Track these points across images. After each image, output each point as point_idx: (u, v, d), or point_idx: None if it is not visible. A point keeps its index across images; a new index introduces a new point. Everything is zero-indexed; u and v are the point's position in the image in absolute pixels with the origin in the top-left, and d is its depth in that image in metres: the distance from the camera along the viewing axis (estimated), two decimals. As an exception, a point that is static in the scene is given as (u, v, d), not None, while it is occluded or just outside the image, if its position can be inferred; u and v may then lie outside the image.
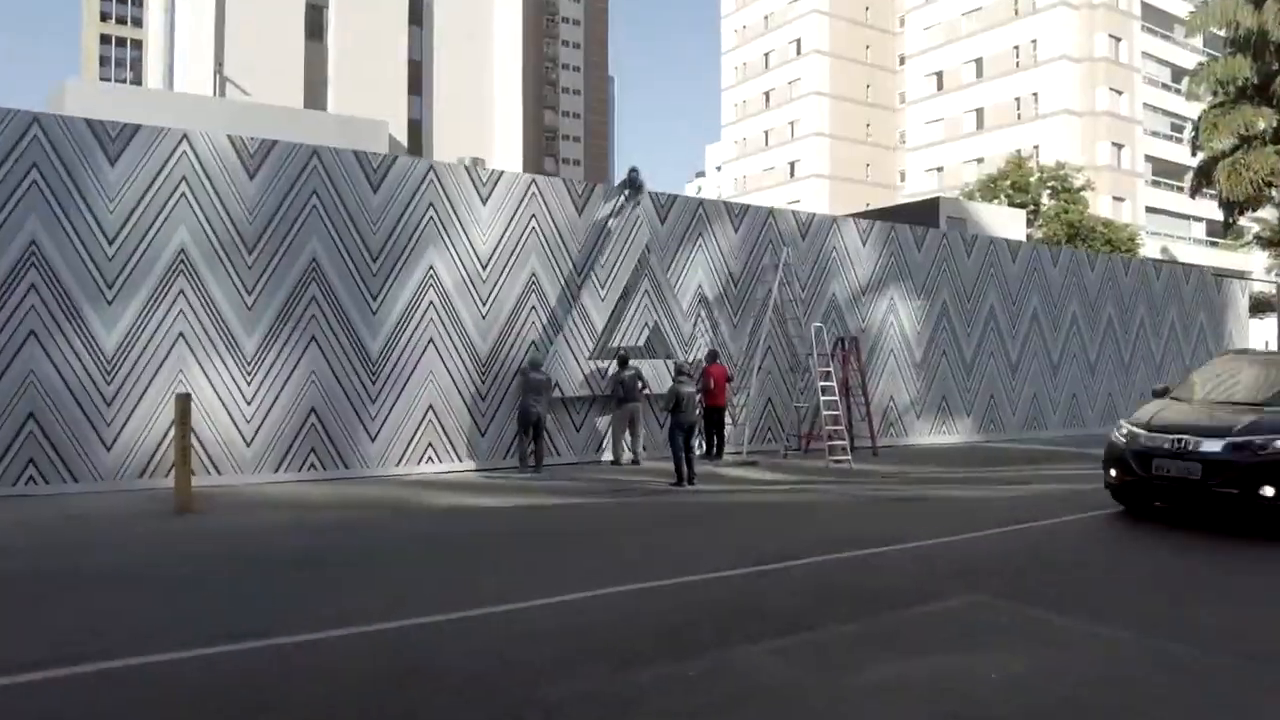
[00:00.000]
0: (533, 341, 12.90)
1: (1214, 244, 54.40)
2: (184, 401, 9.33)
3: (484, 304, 12.54)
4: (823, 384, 14.13)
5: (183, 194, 10.78)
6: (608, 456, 13.44)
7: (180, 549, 7.34)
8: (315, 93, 33.18)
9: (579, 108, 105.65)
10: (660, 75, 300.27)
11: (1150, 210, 52.61)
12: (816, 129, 65.17)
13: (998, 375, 18.75)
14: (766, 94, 69.96)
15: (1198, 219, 56.06)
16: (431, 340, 12.12)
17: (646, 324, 13.77)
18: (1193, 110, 55.80)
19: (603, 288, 13.42)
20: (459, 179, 12.44)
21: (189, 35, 30.60)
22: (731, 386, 14.39)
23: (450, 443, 12.24)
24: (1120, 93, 51.04)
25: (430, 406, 12.09)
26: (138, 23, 64.39)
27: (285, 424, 11.22)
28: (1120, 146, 50.81)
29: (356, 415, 11.63)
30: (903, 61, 66.26)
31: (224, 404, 10.93)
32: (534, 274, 12.94)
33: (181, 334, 10.75)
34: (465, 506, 9.74)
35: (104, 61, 69.31)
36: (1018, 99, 52.13)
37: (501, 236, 12.70)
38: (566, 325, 13.12)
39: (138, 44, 63.54)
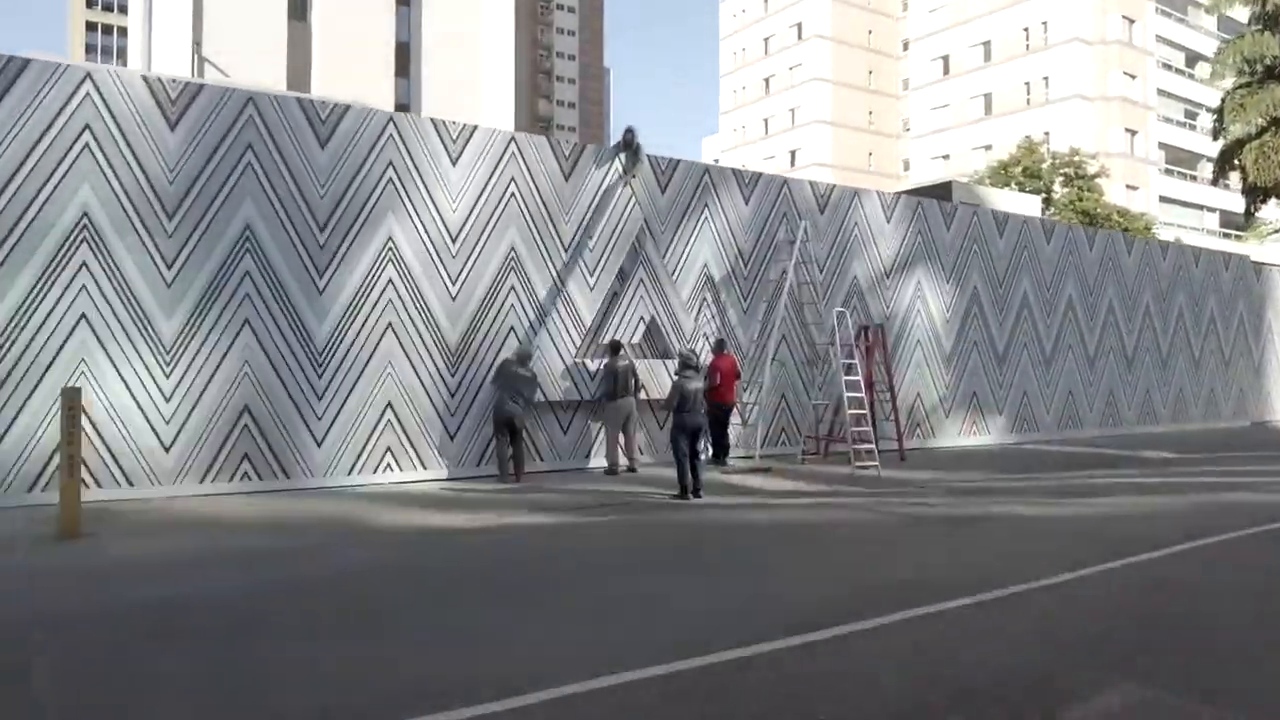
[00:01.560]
0: (513, 332, 11.06)
1: (1227, 235, 52.66)
2: (72, 398, 7.46)
3: (453, 283, 10.68)
4: (846, 378, 12.30)
5: (85, 145, 8.90)
6: (601, 461, 11.60)
7: (6, 600, 5.50)
8: (299, 75, 31.51)
9: (574, 97, 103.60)
10: (657, 64, 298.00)
11: (1163, 200, 50.84)
12: (818, 116, 63.27)
13: (1031, 370, 16.96)
14: (766, 80, 68.03)
15: (1211, 209, 54.37)
16: (390, 326, 10.26)
17: (642, 318, 11.92)
18: (1207, 95, 54.07)
19: (592, 274, 11.57)
20: (424, 134, 10.57)
21: (167, 14, 29.05)
22: (741, 381, 12.57)
23: (413, 448, 10.39)
24: (1134, 77, 49.24)
25: (389, 405, 10.23)
26: (124, 9, 62.37)
27: (212, 426, 9.36)
28: (1134, 133, 49.04)
29: (300, 415, 9.77)
30: (906, 47, 64.40)
31: (137, 402, 9.06)
32: (513, 249, 11.08)
33: (84, 316, 8.88)
34: (423, 529, 7.90)
35: (90, 50, 67.34)
36: (1027, 83, 50.31)
37: (475, 204, 10.83)
38: (552, 314, 11.27)
39: (124, 31, 61.52)
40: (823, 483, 11.09)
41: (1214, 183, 37.44)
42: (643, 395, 11.62)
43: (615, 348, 11.28)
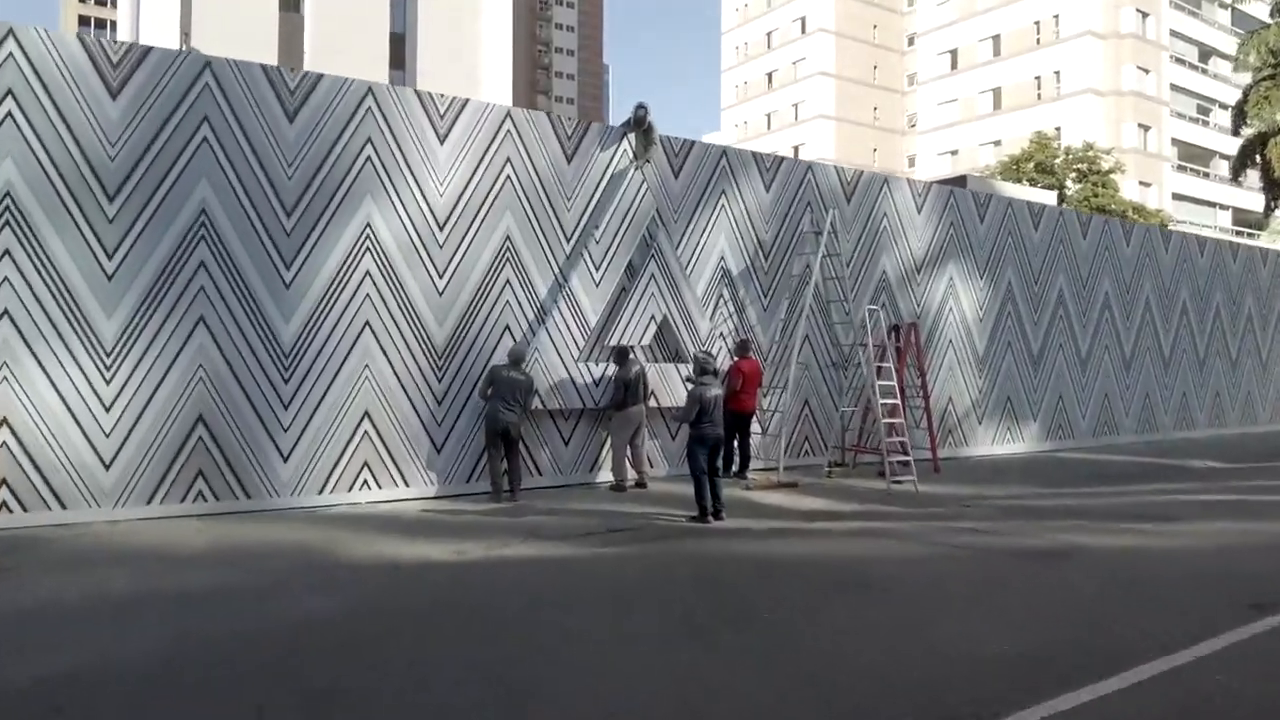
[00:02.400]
0: (508, 332, 9.82)
1: (1240, 233, 51.47)
2: (-20, 410, 6.22)
3: (441, 277, 9.43)
4: (881, 383, 11.06)
5: (9, 114, 7.65)
6: (607, 477, 10.36)
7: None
8: (291, 67, 30.56)
9: (572, 93, 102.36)
10: (657, 60, 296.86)
11: (1176, 197, 49.65)
12: (821, 111, 62.02)
13: (1067, 372, 15.75)
14: (769, 75, 66.77)
15: (1224, 207, 53.20)
16: (368, 324, 9.02)
17: (653, 317, 10.67)
18: (1221, 91, 52.92)
19: (598, 269, 10.32)
20: (407, 108, 9.31)
21: (156, 4, 28.09)
22: (761, 387, 11.33)
23: (394, 463, 9.14)
24: (1147, 71, 48.05)
25: (366, 414, 8.98)
26: (115, 2, 61.10)
27: (161, 439, 8.11)
28: (1147, 128, 47.85)
29: (263, 426, 8.52)
30: (911, 42, 63.20)
31: (71, 412, 7.81)
32: (509, 239, 9.83)
33: (6, 312, 7.63)
34: (395, 563, 6.65)
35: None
36: (1038, 78, 49.10)
37: (466, 187, 9.58)
38: (553, 313, 10.03)
39: (116, 25, 60.37)
40: (856, 501, 9.87)
41: (1234, 178, 36.28)
42: (653, 403, 10.39)
43: (622, 355, 10.05)
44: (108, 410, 7.93)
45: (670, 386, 10.61)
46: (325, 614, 5.37)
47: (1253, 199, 53.40)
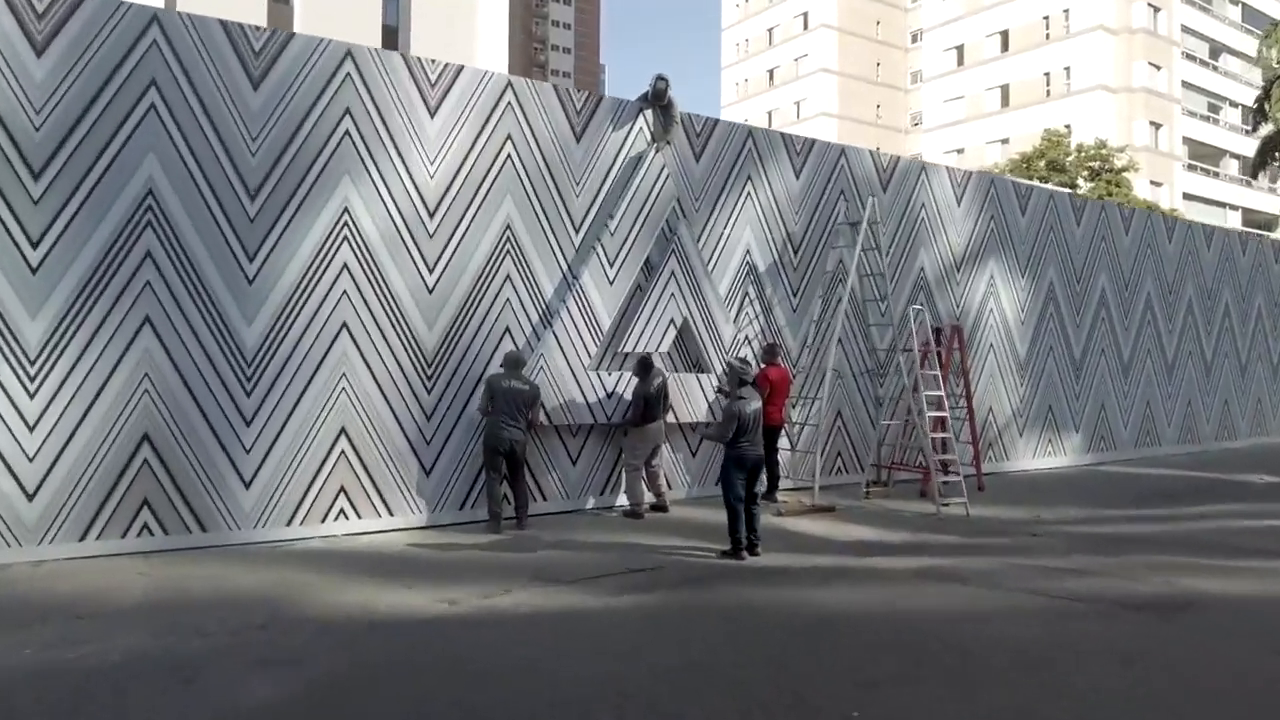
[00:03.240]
0: (509, 335, 8.56)
1: (1249, 234, 50.33)
2: None
3: (431, 271, 8.16)
4: (929, 393, 9.83)
5: (-90, 74, 6.37)
6: (622, 502, 9.11)
7: None
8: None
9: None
10: (656, 56, 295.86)
11: (1186, 196, 48.55)
12: (824, 109, 60.82)
13: (1109, 378, 14.54)
14: (770, 72, 65.55)
15: (1234, 207, 52.13)
16: (346, 326, 7.74)
17: (673, 320, 9.40)
18: (1231, 88, 51.89)
19: (611, 264, 9.06)
20: (393, 75, 8.03)
21: (141, -1, 26.76)
22: (790, 397, 10.09)
23: (375, 488, 7.86)
24: (1159, 68, 46.94)
25: (342, 431, 7.70)
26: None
27: (97, 463, 6.83)
28: (1158, 126, 46.75)
29: (221, 446, 7.24)
30: (915, 38, 62.09)
31: (-14, 429, 6.54)
32: (509, 229, 8.57)
33: (-93, 311, 6.35)
34: (370, 618, 5.39)
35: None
36: (1047, 74, 47.97)
37: (460, 168, 8.31)
38: (560, 314, 8.76)
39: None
40: (905, 528, 8.64)
41: (1253, 176, 35.14)
42: (670, 417, 9.15)
43: (646, 368, 8.79)
44: (31, 430, 6.65)
45: (690, 399, 9.36)
46: (267, 703, 4.10)
47: (1263, 200, 52.39)
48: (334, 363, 7.63)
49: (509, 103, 8.54)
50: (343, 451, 7.67)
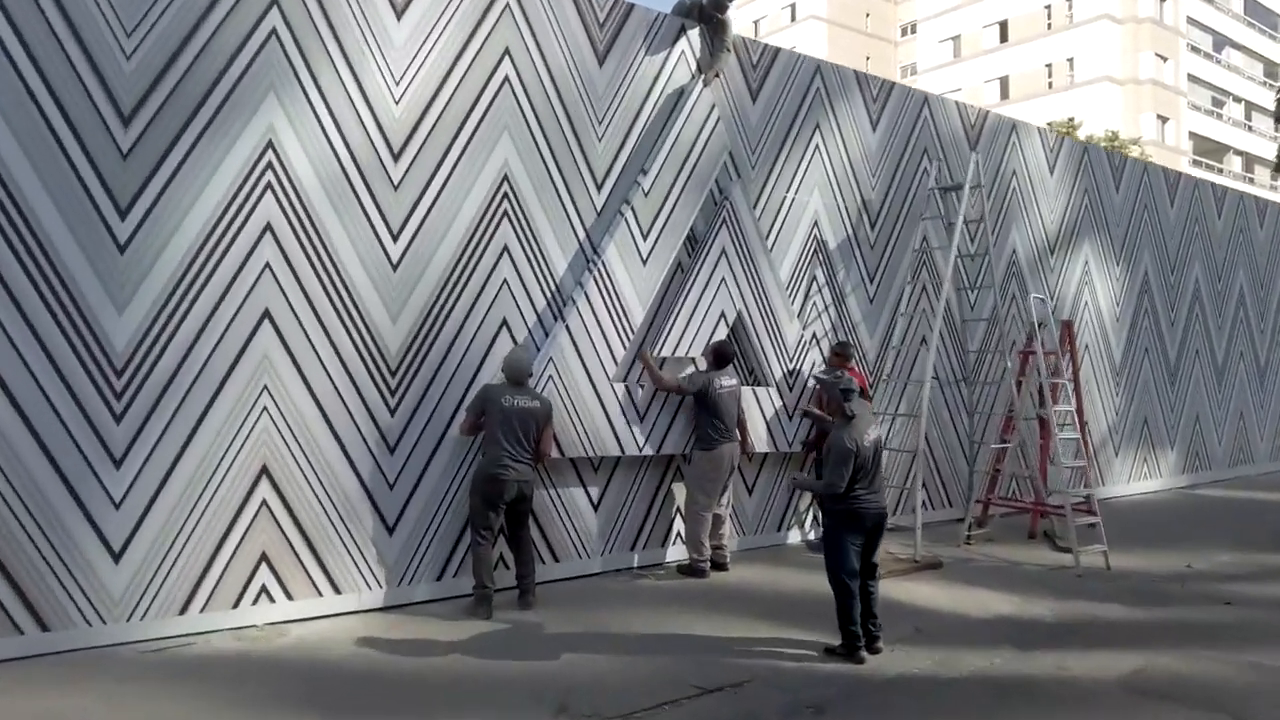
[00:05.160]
0: (506, 330, 6.11)
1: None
2: None
3: (395, 236, 5.68)
4: (1059, 407, 7.53)
5: None
6: (674, 557, 6.73)
7: None
8: None
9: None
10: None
11: (1191, 193, 46.84)
12: (814, 103, 58.67)
13: (1204, 386, 12.36)
14: (757, 65, 63.37)
15: (1237, 205, 50.54)
16: (269, 316, 5.25)
17: (723, 313, 6.99)
18: (1235, 83, 50.37)
19: (645, 235, 6.62)
20: (339, -46, 5.58)
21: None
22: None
23: (314, 554, 5.36)
24: (1165, 59, 45.20)
25: (264, 472, 5.21)
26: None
27: None
28: (1165, 120, 45.01)
29: (75, 500, 4.73)
30: (905, 32, 60.19)
31: None
32: (508, 179, 6.12)
33: None
34: None
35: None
36: (1049, 65, 46.06)
37: (439, 92, 5.84)
38: (578, 301, 6.31)
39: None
40: (1045, 592, 6.35)
41: (1276, 170, 33.23)
42: (751, 451, 6.87)
43: (724, 357, 6.60)
44: None
45: (748, 417, 6.96)
46: None
47: (1267, 196, 50.86)
48: (250, 370, 5.15)
49: (507, 4, 6.10)
50: (264, 502, 5.19)
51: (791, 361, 7.34)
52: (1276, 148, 31.64)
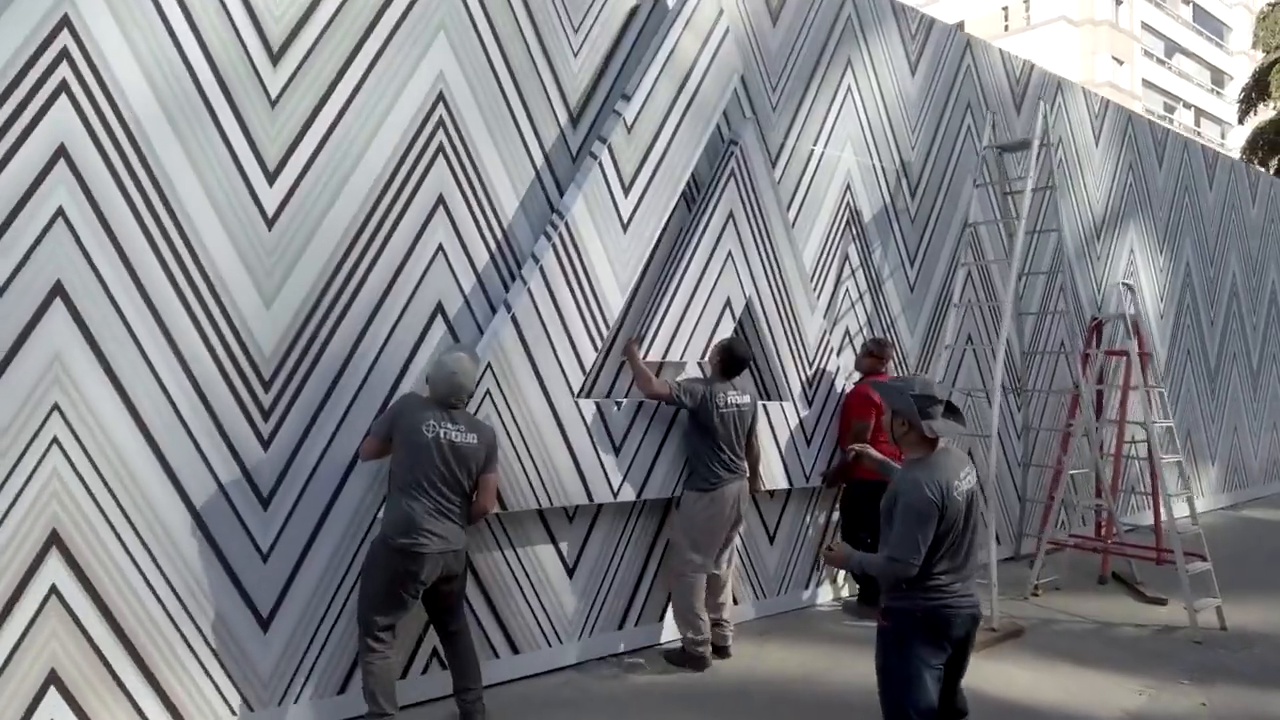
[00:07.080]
0: (441, 316, 4.24)
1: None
2: None
3: (271, 179, 3.79)
4: (1156, 421, 5.96)
5: None
6: (667, 636, 4.92)
7: None
8: None
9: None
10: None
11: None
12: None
13: (1241, 392, 10.99)
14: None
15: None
16: (61, 290, 3.30)
17: (728, 300, 5.19)
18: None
19: (627, 187, 4.77)
20: None
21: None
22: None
23: (139, 667, 3.42)
24: (1121, 63, 44.93)
25: (53, 541, 3.30)
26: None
27: None
28: (1120, 63, 44.97)
29: None
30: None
31: None
32: (443, 102, 4.26)
33: None
34: None
35: None
36: (1005, 8, 45.76)
37: (338, -25, 4.00)
38: (535, 279, 4.45)
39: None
40: (1176, 668, 4.76)
41: (1240, 120, 32.58)
42: (765, 487, 5.09)
43: (736, 362, 4.79)
44: None
45: (765, 453, 5.20)
46: None
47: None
48: (28, 381, 3.22)
49: None
50: (53, 589, 3.26)
51: (811, 367, 5.60)
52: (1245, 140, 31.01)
